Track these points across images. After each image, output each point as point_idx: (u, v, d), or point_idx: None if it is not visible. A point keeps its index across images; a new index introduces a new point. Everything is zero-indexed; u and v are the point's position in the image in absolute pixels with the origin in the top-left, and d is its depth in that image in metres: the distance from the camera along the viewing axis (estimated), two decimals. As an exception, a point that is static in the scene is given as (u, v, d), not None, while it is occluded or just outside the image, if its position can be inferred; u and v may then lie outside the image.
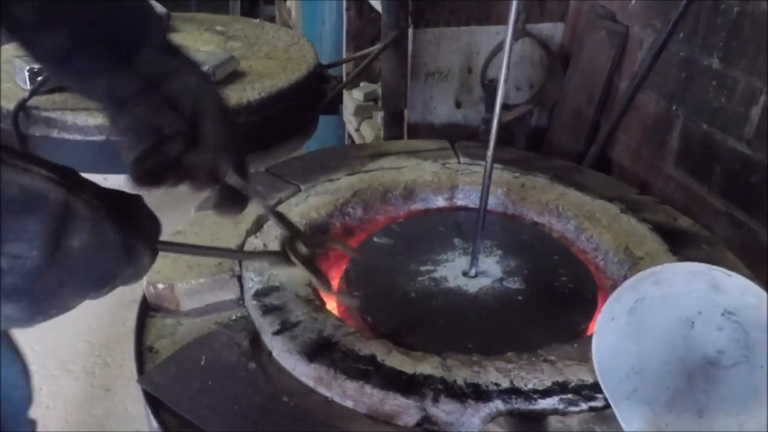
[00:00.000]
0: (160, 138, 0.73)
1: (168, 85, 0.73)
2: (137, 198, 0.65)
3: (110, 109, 0.74)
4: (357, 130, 2.37)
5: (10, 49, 1.61)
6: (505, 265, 1.17)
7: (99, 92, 0.74)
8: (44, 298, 0.54)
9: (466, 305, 1.07)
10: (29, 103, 1.32)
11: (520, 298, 1.09)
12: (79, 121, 1.31)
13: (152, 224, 0.66)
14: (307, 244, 0.85)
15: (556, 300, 1.10)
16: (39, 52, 0.74)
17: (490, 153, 1.04)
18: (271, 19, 4.23)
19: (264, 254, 1.00)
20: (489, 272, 1.14)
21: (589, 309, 1.07)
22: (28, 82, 1.36)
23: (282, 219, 0.89)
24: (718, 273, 0.89)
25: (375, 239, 1.23)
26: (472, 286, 1.11)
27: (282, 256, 0.83)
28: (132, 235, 0.60)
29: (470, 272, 1.13)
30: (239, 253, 1.09)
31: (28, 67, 1.37)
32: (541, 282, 1.13)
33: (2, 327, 0.58)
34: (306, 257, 0.84)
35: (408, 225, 1.29)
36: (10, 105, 1.32)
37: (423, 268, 1.15)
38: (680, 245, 1.17)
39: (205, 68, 1.44)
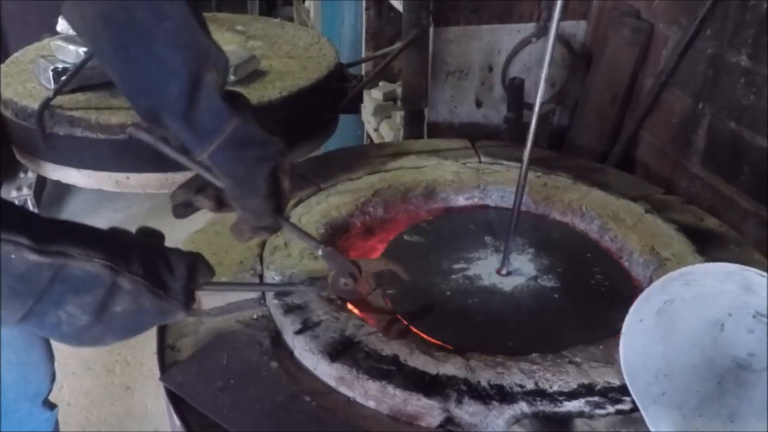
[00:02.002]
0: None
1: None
2: (183, 260, 0.75)
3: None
4: (376, 129, 2.36)
5: (34, 49, 1.63)
6: (539, 263, 1.16)
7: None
8: (89, 341, 0.70)
9: (502, 303, 1.06)
10: (53, 102, 1.33)
11: (556, 296, 1.08)
12: (102, 120, 1.31)
13: (196, 276, 0.77)
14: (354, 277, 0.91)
15: (594, 299, 1.08)
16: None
17: (526, 152, 1.02)
18: (290, 20, 4.24)
19: (303, 283, 0.97)
20: (523, 270, 1.13)
21: (628, 308, 1.05)
22: (52, 82, 1.38)
23: (333, 256, 0.91)
24: (751, 273, 0.87)
25: (405, 237, 1.22)
26: (507, 284, 1.10)
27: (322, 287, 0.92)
28: (166, 300, 0.71)
29: (503, 270, 1.12)
30: (280, 286, 1.05)
31: (52, 67, 1.38)
32: (576, 280, 1.12)
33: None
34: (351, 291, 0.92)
35: (437, 224, 1.28)
36: (35, 104, 1.33)
37: (456, 266, 1.14)
38: (707, 246, 1.15)
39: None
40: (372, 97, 2.38)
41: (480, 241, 1.21)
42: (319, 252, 0.92)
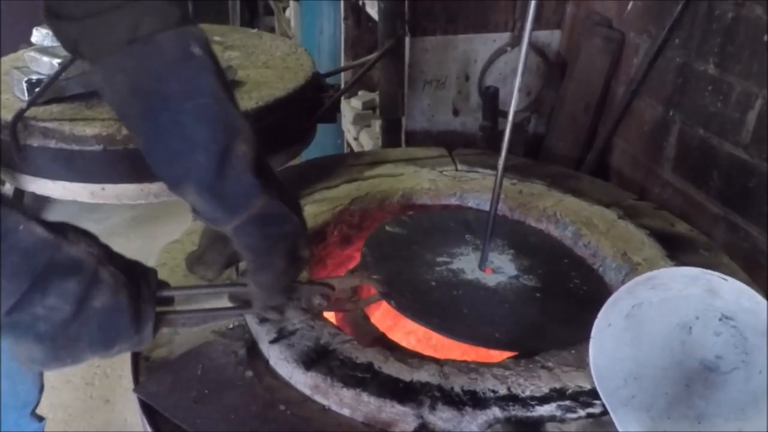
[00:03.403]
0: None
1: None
2: (153, 272, 0.75)
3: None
4: (356, 138, 2.37)
5: (8, 61, 1.62)
6: (519, 263, 1.17)
7: None
8: (63, 347, 0.66)
9: (487, 297, 1.07)
10: (27, 113, 1.32)
11: (538, 295, 1.10)
12: (77, 131, 1.31)
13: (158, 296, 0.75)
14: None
15: (573, 300, 1.10)
16: None
17: (501, 160, 1.04)
18: (271, 29, 4.25)
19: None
20: (504, 269, 1.15)
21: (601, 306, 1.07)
22: (26, 93, 1.37)
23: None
24: (714, 277, 0.89)
25: (387, 228, 1.23)
26: (490, 280, 1.11)
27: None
28: (141, 306, 0.71)
29: (481, 266, 1.13)
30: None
31: (26, 78, 1.37)
32: (556, 282, 1.14)
33: (23, 363, 0.67)
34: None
35: (418, 218, 1.29)
36: (8, 116, 1.33)
37: (439, 259, 1.15)
38: (678, 251, 1.17)
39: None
40: (351, 106, 2.39)
41: (461, 239, 1.22)
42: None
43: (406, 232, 1.23)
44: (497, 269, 1.14)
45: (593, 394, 0.86)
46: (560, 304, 1.09)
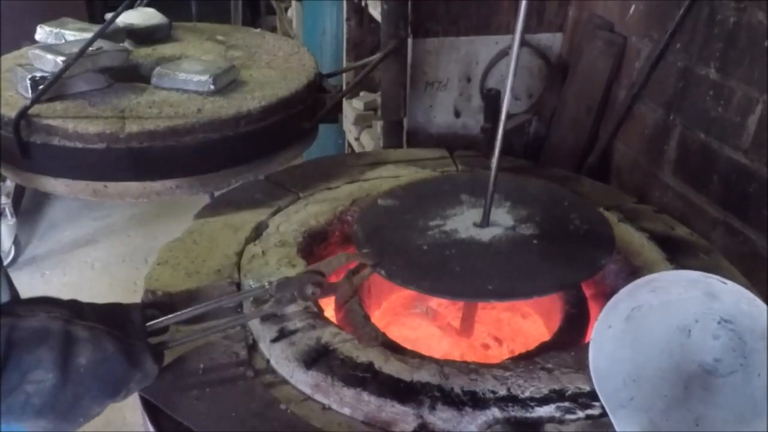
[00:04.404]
0: None
1: None
2: (135, 308, 0.77)
3: None
4: (357, 139, 2.38)
5: (12, 58, 1.62)
6: (516, 214, 1.16)
7: None
8: (67, 411, 0.67)
9: (480, 252, 1.06)
10: (31, 111, 1.33)
11: (534, 241, 1.09)
12: (80, 129, 1.31)
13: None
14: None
15: (572, 239, 1.09)
16: None
17: (494, 160, 1.04)
18: (273, 29, 4.25)
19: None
20: (500, 222, 1.13)
21: (607, 245, 1.07)
22: (30, 90, 1.37)
23: (285, 286, 0.94)
24: (714, 281, 0.90)
25: (380, 202, 1.22)
26: (485, 235, 1.10)
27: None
28: (131, 344, 0.72)
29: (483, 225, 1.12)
30: (248, 316, 1.00)
31: (30, 76, 1.37)
32: (554, 226, 1.13)
33: None
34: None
35: (411, 187, 1.28)
36: (11, 113, 1.33)
37: (432, 223, 1.14)
38: (678, 254, 1.18)
39: (205, 77, 1.45)
40: (353, 107, 2.39)
41: (456, 200, 1.20)
42: (270, 294, 0.93)
43: (399, 203, 1.21)
44: (492, 223, 1.12)
45: (592, 395, 0.87)
46: (558, 246, 1.08)
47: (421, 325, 1.27)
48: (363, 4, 2.17)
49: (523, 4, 0.96)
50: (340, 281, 1.00)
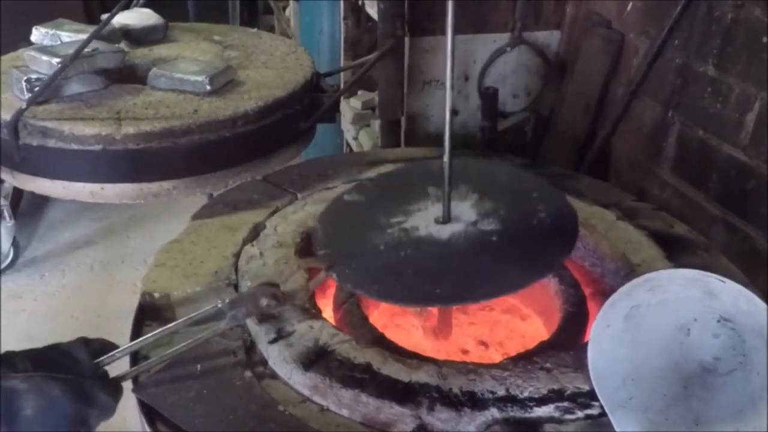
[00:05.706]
0: None
1: None
2: (78, 345, 0.75)
3: None
4: (355, 138, 2.37)
5: (8, 60, 1.62)
6: (480, 208, 1.11)
7: None
8: None
9: (436, 252, 1.02)
10: (26, 112, 1.32)
11: (494, 239, 1.04)
12: (76, 130, 1.31)
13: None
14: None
15: (533, 235, 1.05)
16: None
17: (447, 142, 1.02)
18: (271, 28, 4.24)
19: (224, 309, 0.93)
20: (462, 217, 1.08)
21: (569, 242, 1.02)
22: (25, 92, 1.37)
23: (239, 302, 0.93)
24: (712, 279, 0.89)
25: (346, 197, 1.19)
26: (444, 232, 1.06)
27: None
28: (78, 383, 0.71)
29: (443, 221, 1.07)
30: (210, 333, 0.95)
31: (25, 77, 1.37)
32: (517, 220, 1.08)
33: None
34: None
35: (380, 180, 1.26)
36: (7, 115, 1.32)
37: (393, 220, 1.09)
38: (677, 252, 1.17)
39: (202, 78, 1.45)
40: (351, 106, 2.39)
41: (422, 193, 1.16)
42: (225, 312, 0.91)
43: (365, 198, 1.18)
44: (454, 218, 1.07)
45: (591, 395, 0.86)
46: (517, 244, 1.03)
47: (415, 325, 1.26)
48: (360, 3, 2.16)
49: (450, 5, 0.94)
50: (297, 288, 1.00)
